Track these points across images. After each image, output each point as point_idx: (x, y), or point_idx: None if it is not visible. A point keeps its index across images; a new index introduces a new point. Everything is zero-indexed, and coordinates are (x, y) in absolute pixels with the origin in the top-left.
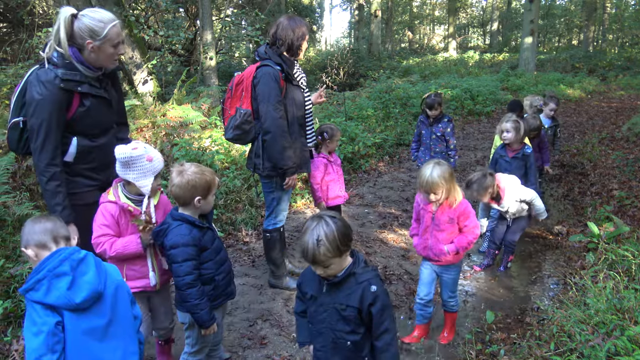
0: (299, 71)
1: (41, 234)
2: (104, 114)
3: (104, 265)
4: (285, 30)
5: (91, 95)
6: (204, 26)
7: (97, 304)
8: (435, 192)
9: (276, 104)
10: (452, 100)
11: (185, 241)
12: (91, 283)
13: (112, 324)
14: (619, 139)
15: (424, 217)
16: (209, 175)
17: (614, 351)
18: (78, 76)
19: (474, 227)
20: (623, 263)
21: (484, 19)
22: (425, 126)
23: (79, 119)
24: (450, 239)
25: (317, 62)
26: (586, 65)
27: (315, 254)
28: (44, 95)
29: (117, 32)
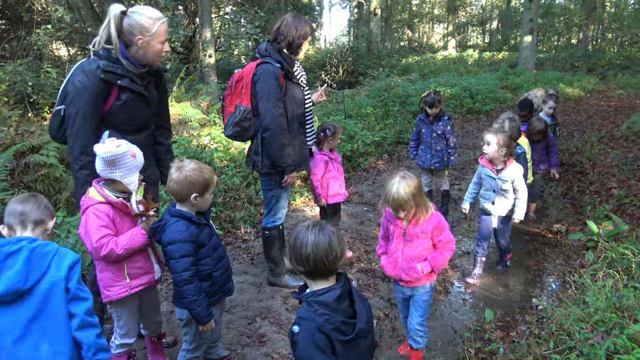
0: (299, 69)
1: (11, 215)
2: (140, 111)
3: (45, 262)
4: (288, 27)
5: (130, 90)
6: (203, 24)
7: (22, 299)
8: (403, 208)
9: (276, 102)
10: (452, 98)
11: (182, 237)
12: (11, 279)
13: (37, 321)
14: (618, 137)
15: (393, 233)
16: (207, 173)
17: (614, 349)
18: (120, 69)
19: (449, 241)
20: (622, 261)
21: (484, 18)
22: (425, 124)
23: (115, 112)
24: (423, 256)
25: (316, 60)
26: (585, 64)
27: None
28: (84, 84)
29: (165, 30)
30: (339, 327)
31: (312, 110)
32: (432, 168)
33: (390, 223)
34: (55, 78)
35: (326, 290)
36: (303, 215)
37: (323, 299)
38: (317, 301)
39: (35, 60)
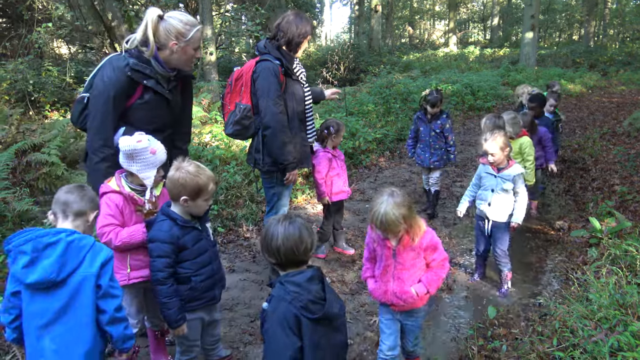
0: (298, 66)
1: (56, 204)
2: (160, 113)
3: (80, 256)
4: (288, 24)
5: (153, 91)
6: (204, 21)
7: (54, 289)
8: (392, 232)
9: (276, 99)
10: (453, 95)
11: (162, 237)
12: (46, 269)
13: (66, 312)
14: (620, 134)
15: (382, 255)
16: (203, 180)
17: (617, 347)
18: (148, 70)
19: (444, 259)
20: (626, 258)
21: (485, 14)
22: (424, 123)
23: (135, 110)
24: (417, 278)
25: (317, 58)
26: (587, 60)
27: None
28: (111, 79)
29: (199, 37)
30: (307, 306)
31: (313, 107)
32: (431, 167)
33: (377, 244)
34: (56, 76)
35: (298, 272)
36: (305, 212)
37: (294, 279)
38: (288, 281)
39: (36, 59)
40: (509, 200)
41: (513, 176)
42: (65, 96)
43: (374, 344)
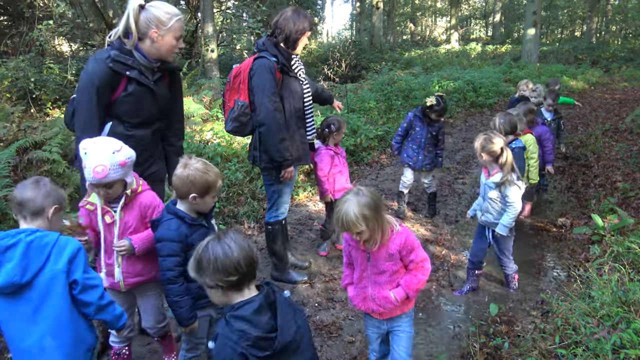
0: (297, 63)
1: (13, 206)
2: (145, 105)
3: (43, 254)
4: (286, 21)
5: (137, 82)
6: (205, 18)
7: (23, 291)
8: (352, 232)
9: (271, 96)
10: (455, 92)
11: (170, 236)
12: (9, 273)
13: (40, 311)
14: (622, 130)
15: (357, 259)
16: (212, 176)
17: (620, 344)
18: (130, 61)
19: (422, 260)
20: (628, 255)
21: (486, 11)
22: (421, 123)
23: (120, 102)
24: (395, 282)
25: (318, 55)
26: (589, 56)
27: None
28: (94, 70)
29: (181, 26)
30: (255, 343)
31: (312, 104)
32: (422, 169)
33: (351, 248)
34: (58, 74)
35: (244, 302)
36: (306, 210)
37: (241, 313)
38: (234, 316)
39: (37, 56)
40: (499, 206)
41: (494, 184)
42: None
43: None
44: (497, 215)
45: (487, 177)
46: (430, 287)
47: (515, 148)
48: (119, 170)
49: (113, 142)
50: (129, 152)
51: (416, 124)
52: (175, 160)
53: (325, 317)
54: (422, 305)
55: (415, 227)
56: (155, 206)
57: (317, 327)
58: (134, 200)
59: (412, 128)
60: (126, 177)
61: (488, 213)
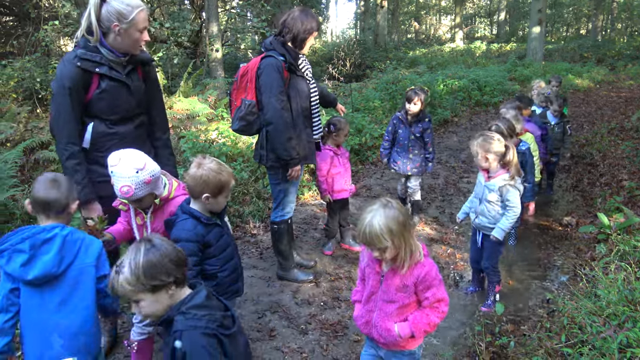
0: (304, 62)
1: (37, 204)
2: (121, 100)
3: (75, 248)
4: (294, 21)
5: (109, 77)
6: (210, 18)
7: (54, 282)
8: (376, 246)
9: (278, 95)
10: (460, 90)
11: (187, 236)
12: (46, 264)
13: (67, 303)
14: (628, 129)
15: (369, 279)
16: (225, 176)
17: (626, 343)
18: (98, 57)
19: (440, 300)
20: (634, 254)
21: (491, 9)
22: (403, 124)
23: (96, 100)
24: (404, 316)
25: (323, 54)
26: (595, 54)
27: (114, 285)
28: (63, 72)
29: (143, 18)
30: (222, 322)
31: (319, 103)
32: (409, 174)
33: (366, 264)
34: None
35: (194, 293)
36: (311, 209)
37: (195, 302)
38: (192, 307)
39: (43, 57)
40: (497, 210)
41: (498, 187)
42: None
43: None
44: (492, 219)
45: (487, 179)
46: None
47: (526, 150)
48: (144, 188)
49: (136, 160)
50: (152, 169)
51: (399, 127)
52: (164, 154)
53: (331, 316)
54: None
55: (421, 225)
56: None
57: (323, 326)
58: (165, 206)
59: (397, 131)
60: (154, 190)
61: (482, 216)
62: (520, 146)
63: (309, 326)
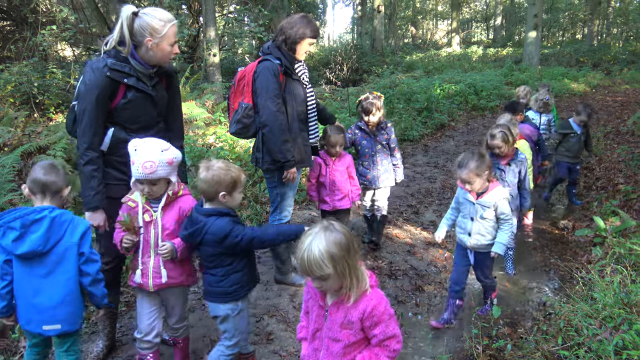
0: (301, 67)
1: (35, 184)
2: (145, 110)
3: (62, 229)
4: (289, 24)
5: (135, 89)
6: (207, 23)
7: (42, 257)
8: (315, 275)
9: (274, 97)
10: (456, 95)
11: (232, 224)
12: (33, 242)
13: (52, 275)
14: (624, 133)
15: (313, 312)
16: (235, 172)
17: (622, 345)
18: (127, 68)
19: (390, 338)
20: (630, 257)
21: (488, 14)
22: (366, 134)
23: (120, 110)
24: (351, 356)
25: (320, 58)
26: (590, 59)
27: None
28: (92, 81)
29: (174, 32)
30: None
31: (316, 107)
32: (381, 187)
33: (309, 296)
34: (61, 79)
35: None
36: (310, 213)
37: None
38: None
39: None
40: (492, 226)
41: (494, 202)
42: (69, 98)
43: None
44: (489, 236)
45: (477, 196)
46: (433, 290)
47: (523, 159)
48: (166, 168)
49: (161, 142)
50: (176, 152)
51: (361, 138)
52: None
53: None
54: (425, 307)
55: (418, 229)
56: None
57: None
58: (175, 202)
59: (357, 144)
60: (170, 176)
61: (479, 235)
62: (519, 154)
63: None
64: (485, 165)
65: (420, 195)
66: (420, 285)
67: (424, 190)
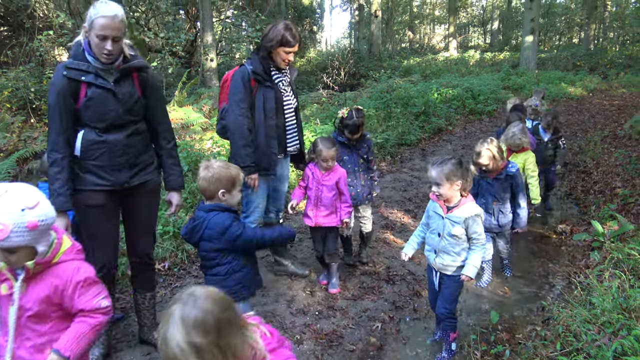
0: (279, 73)
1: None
2: (109, 108)
3: None
4: (269, 31)
5: (95, 85)
6: (205, 28)
7: None
8: None
9: (238, 102)
10: (454, 99)
11: (231, 219)
12: None
13: None
14: (621, 136)
15: None
16: (234, 171)
17: (621, 351)
18: (84, 66)
19: None
20: (628, 262)
21: (485, 18)
22: (347, 149)
23: (84, 109)
24: None
25: (317, 63)
26: (587, 63)
27: None
28: (53, 81)
29: (102, 24)
30: None
31: (293, 114)
32: (365, 202)
33: None
34: None
35: None
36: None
37: None
38: None
39: (37, 67)
40: (461, 247)
41: (464, 219)
42: None
43: (376, 349)
44: (457, 256)
45: (447, 210)
46: None
47: (516, 172)
48: (24, 235)
49: (29, 196)
50: (45, 213)
51: (343, 154)
52: (167, 163)
53: (326, 325)
54: (423, 312)
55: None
56: (77, 284)
57: (318, 336)
58: (46, 274)
59: (338, 160)
60: (36, 245)
61: (445, 254)
62: (509, 168)
63: (303, 336)
64: (459, 174)
65: (418, 199)
66: (418, 290)
67: (422, 194)
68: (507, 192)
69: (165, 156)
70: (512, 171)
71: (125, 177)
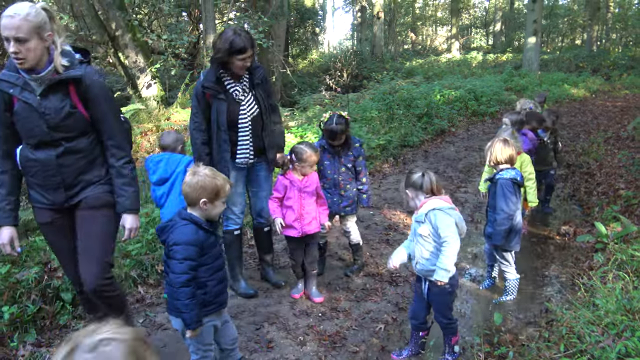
0: (234, 82)
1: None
2: (33, 123)
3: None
4: (217, 40)
5: (19, 99)
6: (207, 30)
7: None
8: None
9: (192, 116)
10: (456, 101)
11: (189, 240)
12: (160, 173)
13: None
14: (624, 138)
15: None
16: (221, 181)
17: (625, 352)
18: (14, 78)
19: None
20: (632, 263)
21: (487, 20)
22: (330, 155)
23: (16, 123)
24: None
25: (320, 65)
26: (590, 64)
27: None
28: None
29: (3, 25)
30: None
31: (248, 125)
32: (341, 213)
33: None
34: None
35: None
36: None
37: None
38: None
39: None
40: (434, 246)
41: (424, 215)
42: None
43: (379, 350)
44: (433, 258)
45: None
46: None
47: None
48: None
49: None
50: None
51: (324, 158)
52: (118, 183)
53: (329, 327)
54: None
55: None
56: None
57: (321, 337)
58: None
59: (319, 164)
60: None
61: (422, 258)
62: (499, 175)
63: (307, 337)
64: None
65: None
66: None
67: None
68: (493, 197)
69: (115, 175)
70: (496, 178)
71: (63, 197)
